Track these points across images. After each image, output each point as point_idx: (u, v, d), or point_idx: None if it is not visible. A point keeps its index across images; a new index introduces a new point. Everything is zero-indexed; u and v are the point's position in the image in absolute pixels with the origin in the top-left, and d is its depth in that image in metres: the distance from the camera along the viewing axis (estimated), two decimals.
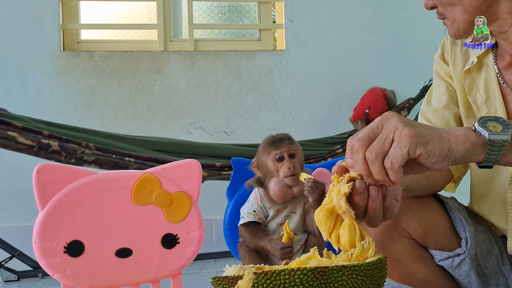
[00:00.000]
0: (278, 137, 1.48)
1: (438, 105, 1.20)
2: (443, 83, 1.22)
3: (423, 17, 3.15)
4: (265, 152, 1.46)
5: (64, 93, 2.87)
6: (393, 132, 0.75)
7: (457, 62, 1.18)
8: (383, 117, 0.77)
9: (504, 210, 1.11)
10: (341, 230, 0.78)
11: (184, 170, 1.02)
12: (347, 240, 0.77)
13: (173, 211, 1.00)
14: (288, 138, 1.48)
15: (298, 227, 1.48)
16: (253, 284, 0.69)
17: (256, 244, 1.44)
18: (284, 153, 1.44)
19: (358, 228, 0.78)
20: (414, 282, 1.14)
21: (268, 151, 1.45)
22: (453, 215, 1.14)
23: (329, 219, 0.78)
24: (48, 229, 0.94)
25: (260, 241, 1.43)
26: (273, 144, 1.46)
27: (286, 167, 1.41)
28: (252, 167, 1.52)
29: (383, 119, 0.77)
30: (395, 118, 0.76)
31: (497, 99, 1.09)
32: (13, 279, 2.15)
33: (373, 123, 0.78)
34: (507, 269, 1.16)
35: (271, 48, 3.19)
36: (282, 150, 1.44)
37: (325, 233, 0.79)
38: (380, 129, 0.76)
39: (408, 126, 0.75)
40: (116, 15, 3.17)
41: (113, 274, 0.98)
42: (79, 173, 0.97)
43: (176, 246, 1.01)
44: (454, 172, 1.21)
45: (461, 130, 0.79)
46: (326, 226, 0.78)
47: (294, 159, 1.45)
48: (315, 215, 0.80)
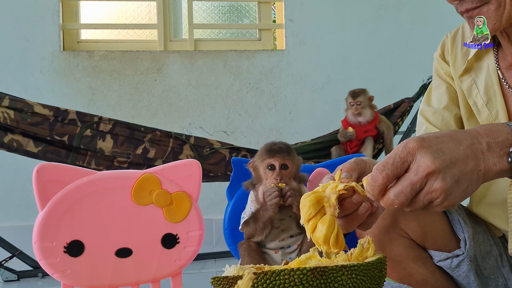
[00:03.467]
0: (277, 146, 1.50)
1: (438, 106, 1.19)
2: (443, 83, 1.20)
3: (423, 17, 3.15)
4: (260, 158, 1.51)
5: (64, 93, 2.87)
6: (424, 181, 0.69)
7: (457, 63, 1.16)
8: (409, 150, 0.70)
9: (504, 211, 1.10)
10: (320, 224, 0.77)
11: (184, 170, 1.02)
12: (323, 235, 0.76)
13: (173, 211, 1.00)
14: (286, 150, 1.50)
15: (293, 229, 1.50)
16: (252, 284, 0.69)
17: (259, 219, 1.45)
18: (276, 163, 1.46)
19: (336, 227, 0.77)
20: (413, 282, 1.14)
21: (263, 158, 1.49)
22: (451, 217, 1.14)
23: (313, 206, 0.77)
24: (48, 229, 0.94)
25: (259, 212, 1.45)
26: (270, 152, 1.49)
27: (273, 178, 1.45)
28: (249, 166, 1.55)
29: (410, 153, 0.70)
30: (423, 155, 0.69)
31: (498, 101, 1.07)
32: (13, 279, 2.15)
33: (396, 152, 0.71)
34: (507, 270, 1.16)
35: (271, 48, 3.19)
36: (275, 160, 1.47)
37: (304, 218, 0.77)
38: (406, 165, 0.70)
39: (442, 180, 0.68)
40: (116, 15, 3.17)
41: (113, 274, 0.98)
42: (79, 173, 0.97)
43: (176, 246, 1.01)
44: None
45: (498, 165, 0.72)
46: (307, 212, 0.77)
47: (286, 171, 1.47)
48: (302, 198, 0.79)
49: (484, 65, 1.10)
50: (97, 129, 2.21)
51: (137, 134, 2.27)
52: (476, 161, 0.71)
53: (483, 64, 1.11)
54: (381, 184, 0.70)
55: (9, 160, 2.79)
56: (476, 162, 0.71)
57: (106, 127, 2.22)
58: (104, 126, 2.21)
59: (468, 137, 0.72)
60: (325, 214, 0.78)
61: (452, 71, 1.18)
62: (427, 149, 0.69)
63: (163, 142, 2.28)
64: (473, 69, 1.13)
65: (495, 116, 1.08)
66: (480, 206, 1.17)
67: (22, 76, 2.85)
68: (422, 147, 0.69)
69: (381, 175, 0.70)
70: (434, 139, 0.71)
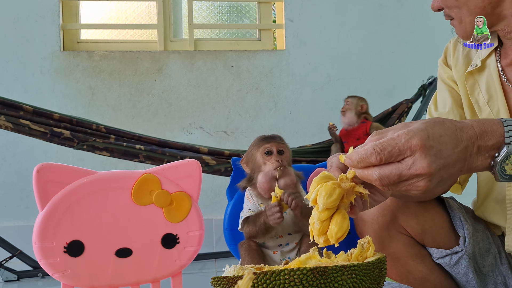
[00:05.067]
0: (270, 135, 1.57)
1: (443, 110, 1.22)
2: (446, 87, 1.23)
3: (423, 17, 3.15)
4: (255, 146, 1.55)
5: (64, 93, 2.87)
6: (412, 177, 0.71)
7: (459, 65, 1.19)
8: (411, 146, 0.71)
9: (504, 208, 1.11)
10: (340, 219, 0.76)
11: (184, 170, 1.02)
12: (342, 231, 0.75)
13: (173, 211, 1.00)
14: (279, 137, 1.57)
15: (291, 226, 1.50)
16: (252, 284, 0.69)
17: (258, 222, 1.46)
18: (273, 148, 1.51)
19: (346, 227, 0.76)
20: (412, 280, 1.15)
21: (258, 146, 1.54)
22: (452, 213, 1.15)
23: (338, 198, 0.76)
24: (48, 229, 0.94)
25: (260, 217, 1.46)
26: (264, 139, 1.55)
27: (274, 160, 1.49)
28: (241, 163, 1.58)
29: (410, 149, 0.71)
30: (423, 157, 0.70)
31: (499, 99, 1.09)
32: (13, 279, 2.15)
33: (398, 141, 0.71)
34: (505, 268, 1.16)
35: (271, 48, 3.19)
36: (271, 145, 1.52)
37: (323, 204, 0.75)
38: (401, 157, 0.71)
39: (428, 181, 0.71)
40: (116, 15, 3.17)
41: (113, 274, 0.98)
42: (79, 173, 0.97)
43: (176, 246, 1.01)
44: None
45: (480, 166, 0.77)
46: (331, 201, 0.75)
47: (282, 155, 1.52)
48: (320, 179, 0.77)
49: (486, 64, 1.13)
50: (92, 147, 2.23)
51: (132, 151, 2.26)
52: (462, 163, 0.75)
53: (485, 64, 1.13)
54: (370, 163, 0.73)
55: (9, 160, 2.79)
56: (462, 164, 0.75)
57: (101, 145, 2.23)
58: (99, 144, 2.23)
59: (465, 139, 0.75)
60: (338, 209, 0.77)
61: (454, 74, 1.20)
62: (428, 151, 0.70)
63: (158, 158, 2.27)
64: (476, 68, 1.14)
65: (496, 114, 1.10)
66: (484, 206, 1.18)
67: (22, 76, 2.85)
68: (425, 147, 0.70)
69: (375, 157, 0.72)
70: (437, 138, 0.72)
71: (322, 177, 0.78)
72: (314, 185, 0.77)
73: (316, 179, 0.78)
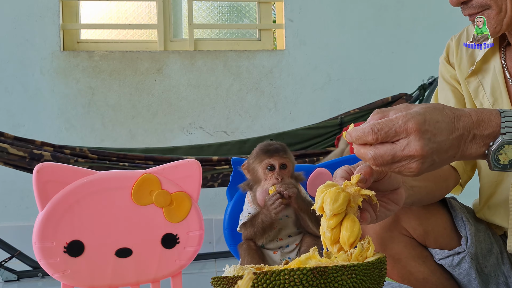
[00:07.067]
0: (274, 146, 1.50)
1: None
2: (449, 87, 1.21)
3: (423, 17, 3.15)
4: (257, 159, 1.49)
5: (64, 93, 2.87)
6: (405, 158, 0.74)
7: (463, 65, 1.17)
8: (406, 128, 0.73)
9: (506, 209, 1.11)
10: (350, 224, 0.76)
11: (184, 170, 1.02)
12: (354, 236, 0.76)
13: (173, 211, 1.00)
14: (283, 149, 1.51)
15: (292, 229, 1.50)
16: (252, 284, 0.69)
17: (258, 222, 1.45)
18: (275, 163, 1.47)
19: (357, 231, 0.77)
20: (414, 281, 1.14)
21: (261, 159, 1.48)
22: (455, 214, 1.14)
23: (345, 203, 0.77)
24: (48, 229, 0.94)
25: (259, 216, 1.45)
26: (267, 153, 1.49)
27: (274, 177, 1.45)
28: (242, 169, 1.54)
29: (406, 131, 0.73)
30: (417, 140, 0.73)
31: (505, 101, 1.07)
32: (13, 279, 2.15)
33: (395, 123, 0.74)
34: (507, 268, 1.16)
35: (271, 48, 3.19)
36: (274, 160, 1.47)
37: (330, 210, 0.76)
38: (397, 138, 0.74)
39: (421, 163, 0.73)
40: (116, 15, 3.17)
41: (113, 274, 0.98)
42: (79, 173, 0.97)
43: (176, 246, 1.01)
44: (462, 176, 1.20)
45: (474, 153, 0.79)
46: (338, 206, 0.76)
47: (285, 170, 1.48)
48: (326, 186, 0.78)
49: (491, 66, 1.11)
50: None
51: (116, 168, 2.20)
52: (456, 150, 0.77)
53: (489, 66, 1.11)
54: (367, 141, 0.75)
55: None
56: (455, 151, 0.77)
57: (84, 166, 2.14)
58: (82, 165, 2.13)
59: (461, 127, 0.77)
60: (346, 214, 0.77)
61: (458, 74, 1.18)
62: (423, 134, 0.73)
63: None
64: (480, 70, 1.13)
65: None
66: (486, 208, 1.17)
67: (22, 76, 2.85)
68: (420, 131, 0.73)
69: (371, 136, 0.74)
70: (433, 123, 0.74)
71: (325, 185, 0.79)
72: (318, 194, 0.78)
73: (320, 188, 0.79)
